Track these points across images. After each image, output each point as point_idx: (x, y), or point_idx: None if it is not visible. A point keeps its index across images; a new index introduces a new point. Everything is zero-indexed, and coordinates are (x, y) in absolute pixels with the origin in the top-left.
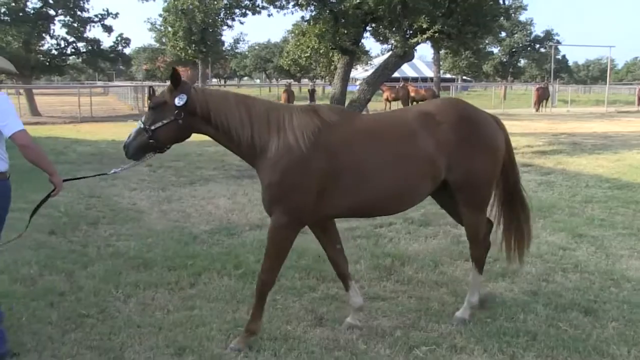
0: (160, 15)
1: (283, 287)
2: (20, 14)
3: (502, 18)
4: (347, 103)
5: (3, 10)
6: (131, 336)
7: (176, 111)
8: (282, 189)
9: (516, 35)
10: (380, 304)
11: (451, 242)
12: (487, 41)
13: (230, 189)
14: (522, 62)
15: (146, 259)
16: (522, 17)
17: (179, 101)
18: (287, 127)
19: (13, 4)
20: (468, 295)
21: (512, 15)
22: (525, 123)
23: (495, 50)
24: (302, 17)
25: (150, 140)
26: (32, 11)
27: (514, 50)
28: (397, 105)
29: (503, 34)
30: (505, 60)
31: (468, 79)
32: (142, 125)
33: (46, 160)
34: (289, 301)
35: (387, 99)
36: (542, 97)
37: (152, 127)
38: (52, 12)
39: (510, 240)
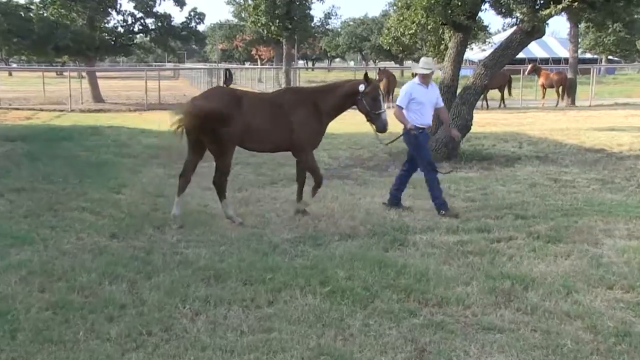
0: None
1: (377, 310)
2: None
3: None
4: (459, 90)
5: None
6: None
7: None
8: None
9: None
10: (497, 336)
11: (588, 264)
12: None
13: (318, 191)
14: None
15: (218, 270)
16: None
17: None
18: None
19: None
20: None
21: None
22: None
23: None
24: None
25: None
26: None
27: None
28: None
29: None
30: None
31: (615, 59)
32: None
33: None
34: (385, 327)
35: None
36: None
37: None
38: None
39: None
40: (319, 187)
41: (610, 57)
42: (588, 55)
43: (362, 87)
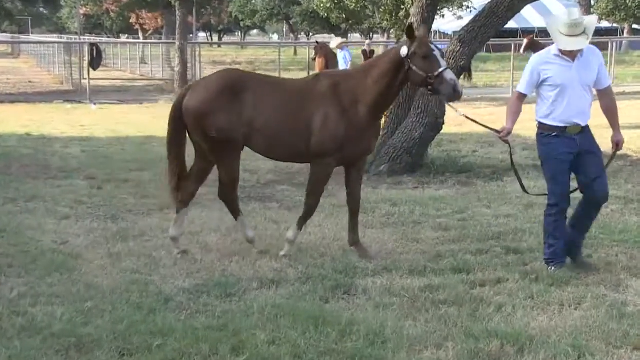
0: None
1: None
2: None
3: None
4: None
5: None
6: None
7: None
8: None
9: None
10: None
11: (607, 316)
12: None
13: (227, 219)
14: None
15: (82, 336)
16: None
17: None
18: None
19: None
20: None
21: None
22: None
23: None
24: None
25: None
26: None
27: None
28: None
29: None
30: None
31: None
32: None
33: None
34: None
35: None
36: None
37: None
38: None
39: None
40: (310, 216)
41: (635, 26)
42: (604, 24)
43: (404, 51)
